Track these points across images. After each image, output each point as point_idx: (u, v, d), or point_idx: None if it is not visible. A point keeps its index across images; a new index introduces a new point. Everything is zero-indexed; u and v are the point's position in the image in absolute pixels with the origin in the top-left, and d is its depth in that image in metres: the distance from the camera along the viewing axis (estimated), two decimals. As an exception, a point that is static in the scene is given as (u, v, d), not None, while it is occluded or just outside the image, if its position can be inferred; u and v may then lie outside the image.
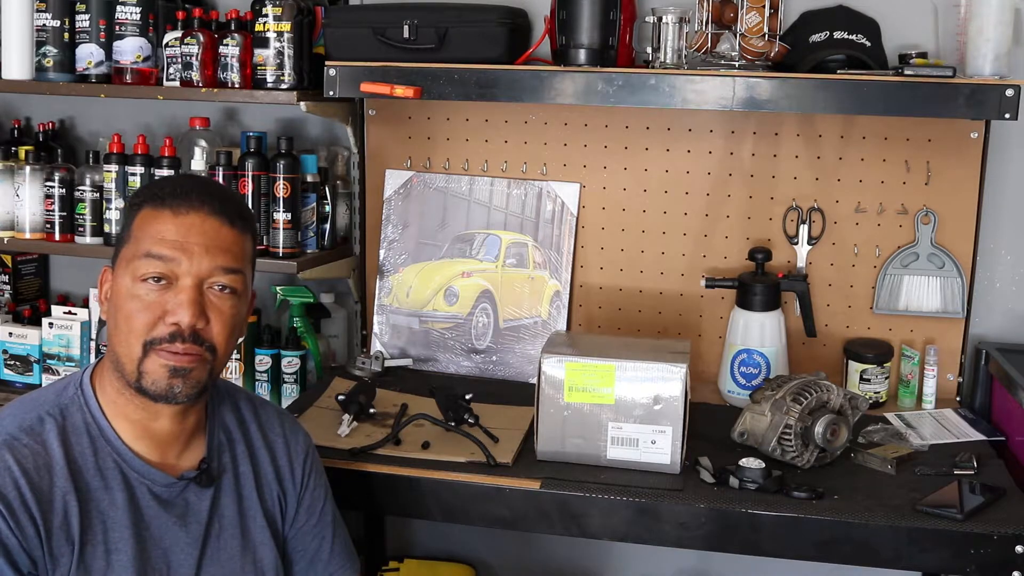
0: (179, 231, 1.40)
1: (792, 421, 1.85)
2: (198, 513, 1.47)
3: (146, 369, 1.39)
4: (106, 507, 1.39)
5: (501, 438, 1.95)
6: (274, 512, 1.57)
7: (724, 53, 2.10)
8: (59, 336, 2.46)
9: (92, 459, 1.40)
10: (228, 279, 1.43)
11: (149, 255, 1.39)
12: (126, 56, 2.32)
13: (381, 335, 2.47)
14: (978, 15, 1.99)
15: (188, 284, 1.39)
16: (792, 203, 2.32)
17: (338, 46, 2.20)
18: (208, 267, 1.41)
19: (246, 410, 1.60)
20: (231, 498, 1.52)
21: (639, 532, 1.78)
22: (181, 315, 1.38)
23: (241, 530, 1.51)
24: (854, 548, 1.71)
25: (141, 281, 1.39)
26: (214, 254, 1.41)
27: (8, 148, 2.52)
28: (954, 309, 2.28)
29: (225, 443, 1.54)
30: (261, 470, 1.57)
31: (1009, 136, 2.25)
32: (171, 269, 1.39)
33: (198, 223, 1.41)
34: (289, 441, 1.62)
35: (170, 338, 1.38)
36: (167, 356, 1.39)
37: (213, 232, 1.42)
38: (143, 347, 1.39)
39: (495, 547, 2.63)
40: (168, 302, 1.39)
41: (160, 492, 1.43)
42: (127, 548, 1.38)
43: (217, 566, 1.47)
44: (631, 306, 2.43)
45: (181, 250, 1.39)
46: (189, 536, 1.45)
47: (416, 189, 2.46)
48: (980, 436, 2.08)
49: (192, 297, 1.39)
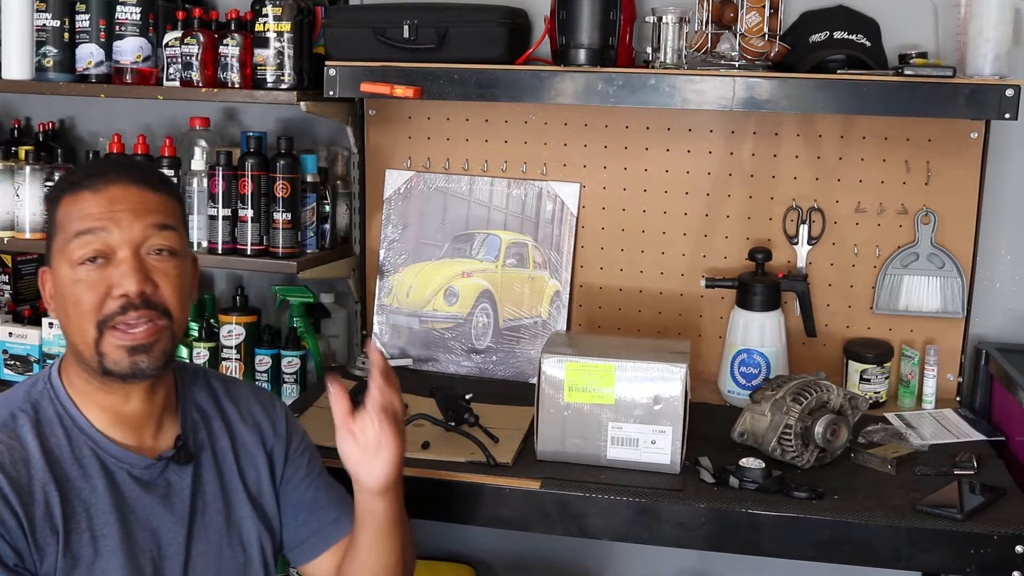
0: (102, 204, 1.39)
1: (792, 421, 1.85)
2: (181, 492, 1.47)
3: (104, 350, 1.38)
4: (87, 495, 1.39)
5: (501, 438, 1.95)
6: (259, 484, 1.57)
7: (724, 53, 2.10)
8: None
9: (68, 449, 1.40)
10: (163, 237, 1.41)
11: (79, 234, 1.37)
12: (126, 56, 2.32)
13: (381, 335, 2.47)
14: (978, 15, 1.99)
15: (126, 254, 1.38)
16: (792, 203, 2.32)
17: (338, 46, 2.20)
18: (140, 230, 1.39)
19: (217, 387, 1.60)
20: (212, 474, 1.52)
21: (639, 532, 1.78)
22: (127, 284, 1.37)
23: (224, 505, 1.52)
24: (854, 548, 1.71)
25: (79, 265, 1.38)
26: (143, 216, 1.40)
27: (8, 148, 2.52)
28: (954, 309, 2.28)
29: (200, 421, 1.55)
30: (240, 443, 1.57)
31: (1009, 136, 2.25)
32: (104, 242, 1.38)
33: (120, 193, 1.40)
34: (266, 405, 1.63)
35: (121, 310, 1.37)
36: (121, 335, 1.37)
37: (137, 198, 1.41)
38: (97, 327, 1.38)
39: (495, 547, 2.63)
40: (111, 276, 1.37)
41: (140, 474, 1.44)
42: (113, 533, 1.39)
43: (205, 542, 1.48)
44: (631, 306, 2.43)
45: (109, 220, 1.38)
46: (175, 515, 1.46)
47: (416, 189, 2.46)
48: (980, 436, 2.08)
49: (133, 265, 1.38)
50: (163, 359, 1.41)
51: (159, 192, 1.44)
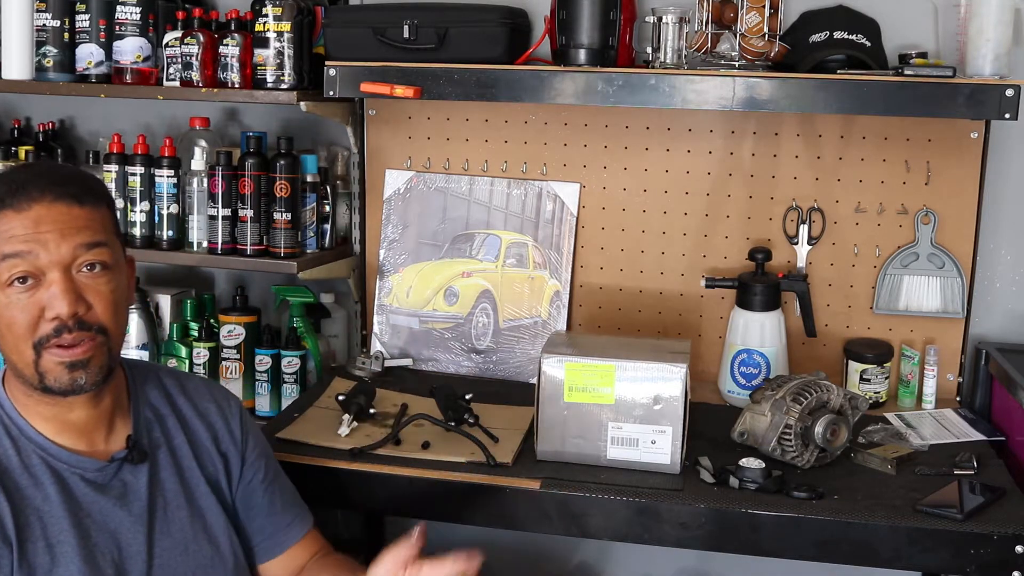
0: (27, 225, 1.35)
1: (792, 421, 1.85)
2: (137, 491, 1.46)
3: (44, 369, 1.37)
4: (39, 503, 1.38)
5: (501, 438, 1.95)
6: (217, 478, 1.57)
7: (724, 53, 2.10)
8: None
9: (16, 459, 1.39)
10: (94, 254, 1.38)
11: (5, 257, 1.34)
12: (126, 56, 2.32)
13: (381, 335, 2.47)
14: (978, 15, 1.99)
15: (56, 275, 1.35)
16: (792, 203, 2.32)
17: (338, 46, 2.20)
18: (68, 251, 1.36)
19: (170, 384, 1.59)
20: (170, 471, 1.51)
21: (639, 532, 1.78)
22: (58, 307, 1.35)
23: (187, 501, 1.51)
24: (854, 548, 1.71)
25: (8, 287, 1.35)
26: (70, 236, 1.36)
27: (8, 148, 2.52)
28: (954, 309, 2.28)
29: (153, 419, 1.54)
30: (197, 439, 1.57)
31: (1009, 136, 2.25)
32: (32, 264, 1.35)
33: (44, 213, 1.35)
34: (221, 404, 1.62)
35: (55, 332, 1.35)
36: (59, 352, 1.36)
37: (63, 216, 1.36)
38: (34, 349, 1.36)
39: (495, 547, 2.63)
40: (42, 299, 1.35)
41: (93, 477, 1.43)
42: (69, 539, 1.38)
43: (168, 538, 1.47)
44: (631, 306, 2.43)
45: (35, 242, 1.34)
46: (133, 515, 1.45)
47: (416, 189, 2.46)
48: (980, 436, 2.08)
49: (64, 287, 1.35)
50: (102, 374, 1.40)
51: (86, 206, 1.39)
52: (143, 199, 2.33)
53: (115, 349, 1.43)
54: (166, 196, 2.32)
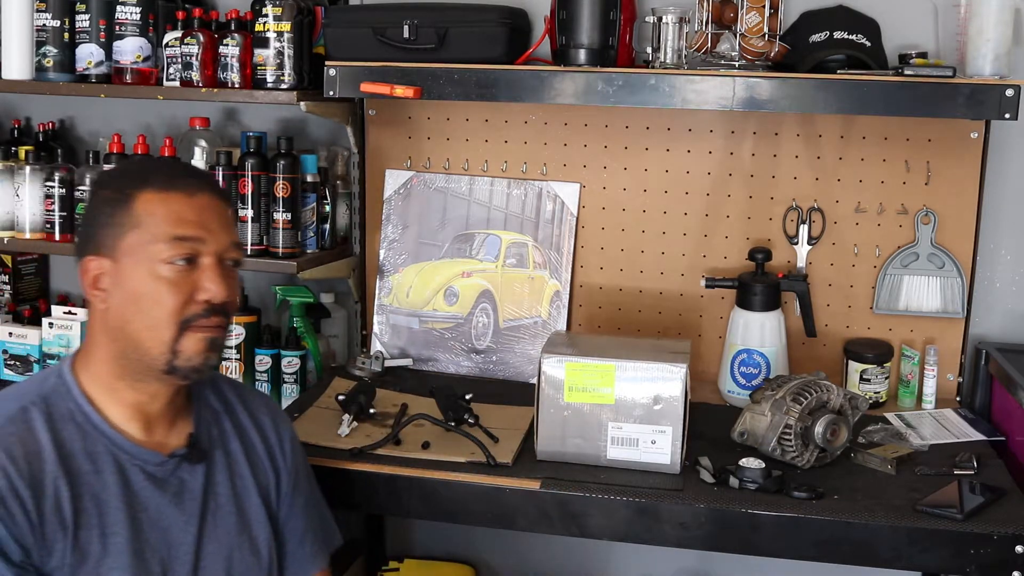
0: (195, 212, 1.43)
1: (792, 421, 1.85)
2: (193, 491, 1.47)
3: (182, 348, 1.42)
4: (99, 491, 1.39)
5: (501, 438, 1.95)
6: (268, 490, 1.58)
7: (724, 53, 2.10)
8: (59, 336, 2.46)
9: (80, 444, 1.40)
10: (236, 252, 1.49)
11: (175, 238, 1.41)
12: (126, 56, 2.32)
13: (381, 335, 2.47)
14: (978, 15, 1.99)
15: (211, 261, 1.44)
16: (792, 203, 2.32)
17: (338, 46, 2.20)
18: (225, 243, 1.46)
19: (229, 392, 1.62)
20: (224, 476, 1.53)
21: (639, 532, 1.78)
22: (214, 291, 1.42)
23: (236, 507, 1.52)
24: (854, 548, 1.71)
25: (166, 263, 1.41)
26: (228, 231, 1.48)
27: (8, 148, 2.52)
28: (954, 309, 2.28)
29: (212, 421, 1.56)
30: (251, 449, 1.58)
31: (1009, 136, 2.25)
32: (196, 249, 1.42)
33: (208, 203, 1.46)
34: (276, 420, 1.64)
35: (205, 313, 1.42)
36: (205, 330, 1.43)
37: (221, 212, 1.48)
38: (178, 327, 1.41)
39: (495, 547, 2.63)
40: (196, 280, 1.42)
41: (153, 471, 1.44)
42: (123, 530, 1.39)
43: (215, 543, 1.48)
44: (631, 306, 2.43)
45: (204, 229, 1.43)
46: (185, 515, 1.46)
47: (416, 189, 2.46)
48: (980, 436, 2.08)
49: (220, 272, 1.44)
50: (218, 361, 1.49)
51: (230, 208, 1.52)
52: (143, 199, 2.32)
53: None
54: (166, 196, 2.32)
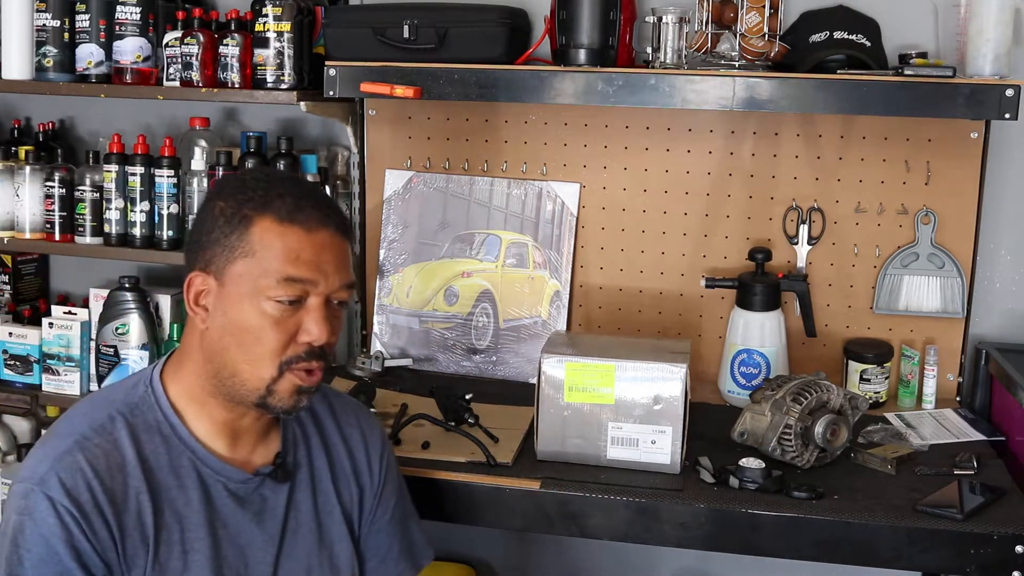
0: (313, 251, 1.36)
1: (792, 421, 1.85)
2: (274, 509, 1.45)
3: (278, 388, 1.37)
4: (181, 506, 1.36)
5: (501, 438, 1.95)
6: (351, 508, 1.55)
7: (724, 53, 2.10)
8: (59, 336, 2.46)
9: (166, 458, 1.37)
10: (346, 293, 1.41)
11: (289, 278, 1.35)
12: (126, 56, 2.32)
13: (381, 335, 2.47)
14: (978, 15, 1.99)
15: (318, 303, 1.37)
16: (792, 203, 2.32)
17: (338, 46, 2.20)
18: (337, 285, 1.39)
19: (319, 404, 1.57)
20: (306, 493, 1.49)
21: (639, 532, 1.78)
22: (317, 333, 1.36)
23: (317, 525, 1.49)
24: (854, 548, 1.71)
25: (271, 301, 1.35)
26: (342, 272, 1.40)
27: (8, 148, 2.52)
28: (954, 309, 2.28)
29: (300, 437, 1.52)
30: (337, 465, 1.54)
31: (1009, 136, 2.25)
32: (306, 290, 1.36)
33: (328, 242, 1.38)
34: (366, 435, 1.59)
35: (306, 356, 1.37)
36: (302, 376, 1.37)
37: (339, 250, 1.40)
38: (278, 368, 1.36)
39: (495, 547, 2.63)
40: (302, 320, 1.36)
41: (236, 489, 1.41)
42: (204, 547, 1.37)
43: (293, 561, 1.46)
44: (631, 306, 2.43)
45: (318, 271, 1.36)
46: (265, 534, 1.43)
47: (416, 189, 2.46)
48: (980, 436, 2.08)
49: (325, 315, 1.37)
50: (311, 401, 1.42)
51: (349, 241, 1.43)
52: (143, 199, 2.33)
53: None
54: (166, 196, 2.32)
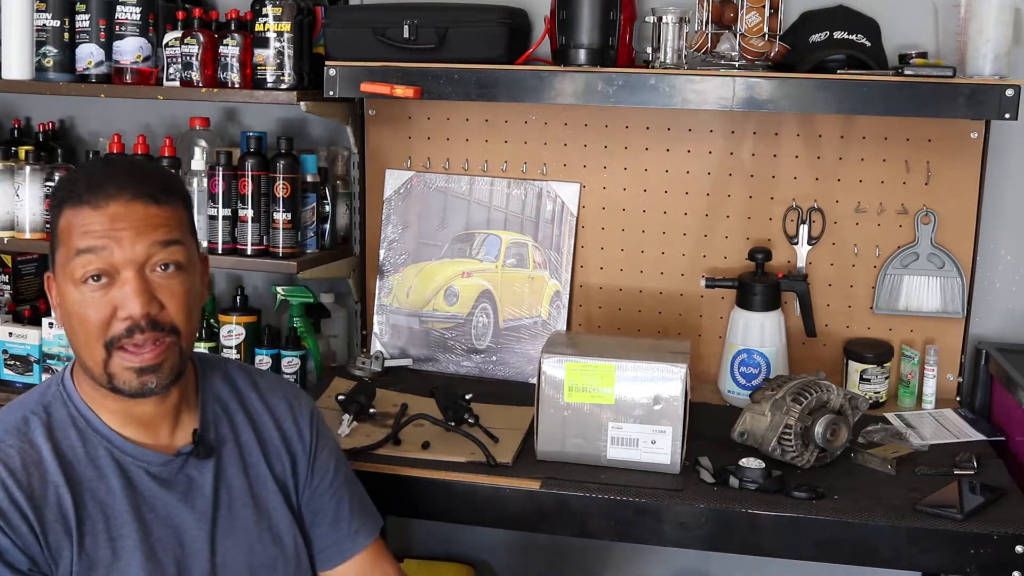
0: (103, 221, 1.34)
1: (792, 421, 1.85)
2: (202, 487, 1.45)
3: (113, 371, 1.36)
4: (103, 495, 1.37)
5: (501, 438, 1.95)
6: (285, 478, 1.55)
7: (724, 53, 2.10)
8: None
9: (82, 450, 1.39)
10: (167, 254, 1.37)
11: (80, 252, 1.34)
12: (126, 56, 2.32)
13: (381, 335, 2.47)
14: (978, 15, 1.99)
15: (130, 274, 1.34)
16: (792, 203, 2.32)
17: (338, 46, 2.20)
18: (143, 249, 1.35)
19: (241, 380, 1.57)
20: (236, 468, 1.49)
21: (639, 532, 1.78)
22: (131, 307, 1.34)
23: (252, 499, 1.49)
24: (854, 548, 1.71)
25: (82, 284, 1.34)
26: (145, 234, 1.35)
27: (8, 148, 2.52)
28: (954, 309, 2.28)
29: (221, 414, 1.52)
30: (265, 437, 1.54)
31: (1009, 136, 2.25)
32: (106, 261, 1.34)
33: (121, 211, 1.35)
34: (292, 404, 1.59)
35: (127, 333, 1.34)
36: (130, 357, 1.35)
37: (139, 214, 1.36)
38: (105, 348, 1.35)
39: (495, 547, 2.63)
40: (115, 298, 1.34)
41: (158, 472, 1.42)
42: (131, 533, 1.37)
43: (232, 537, 1.46)
44: (631, 306, 2.43)
45: (110, 238, 1.34)
46: (196, 512, 1.43)
47: (416, 189, 2.46)
48: (980, 436, 2.08)
49: (137, 286, 1.34)
50: (172, 376, 1.40)
51: (163, 205, 1.38)
52: (143, 199, 2.33)
53: (186, 350, 1.42)
54: (166, 196, 2.32)
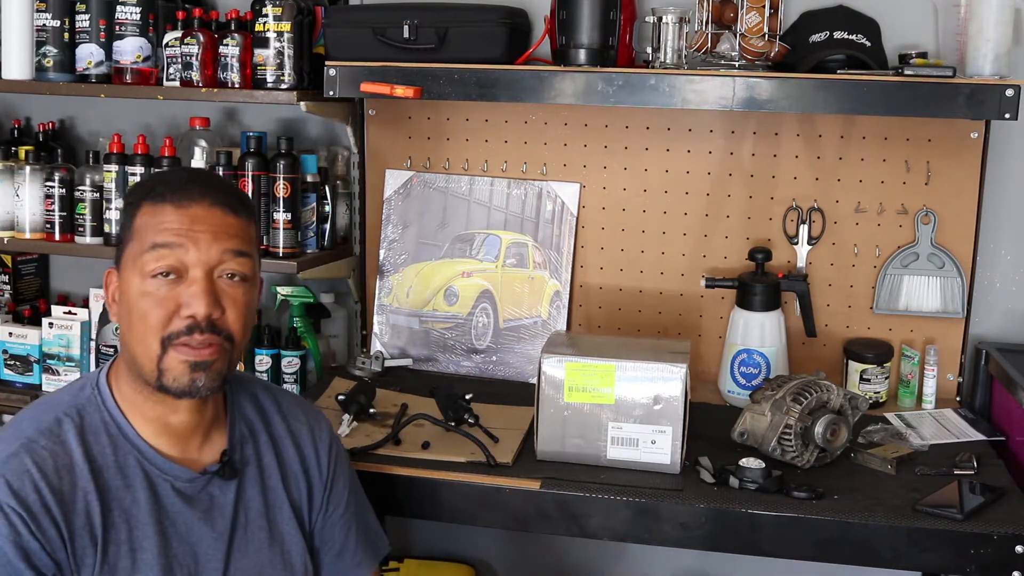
0: (183, 221, 1.38)
1: (792, 421, 1.85)
2: (223, 507, 1.45)
3: (166, 367, 1.37)
4: (128, 505, 1.37)
5: (501, 438, 1.95)
6: (300, 504, 1.55)
7: (724, 53, 2.10)
8: (59, 336, 2.46)
9: (112, 458, 1.39)
10: (237, 264, 1.41)
11: (155, 246, 1.37)
12: (126, 56, 2.32)
13: (381, 335, 2.47)
14: (978, 15, 1.99)
15: (199, 275, 1.38)
16: (792, 203, 2.32)
17: (338, 46, 2.20)
18: (217, 254, 1.39)
19: (265, 400, 1.58)
20: (256, 490, 1.50)
21: (639, 532, 1.78)
22: (196, 307, 1.37)
23: (268, 522, 1.50)
24: (854, 548, 1.71)
25: (151, 277, 1.37)
26: (221, 240, 1.40)
27: (8, 148, 2.52)
28: (954, 309, 2.28)
29: (247, 434, 1.53)
30: (286, 460, 1.55)
31: (1009, 136, 2.25)
32: (179, 259, 1.37)
33: (202, 213, 1.39)
34: (314, 429, 1.60)
35: (187, 331, 1.37)
36: (186, 351, 1.37)
37: (217, 220, 1.40)
38: (161, 344, 1.37)
39: (495, 547, 2.63)
40: (181, 295, 1.37)
41: (183, 488, 1.42)
42: (152, 546, 1.37)
43: (245, 559, 1.46)
44: (631, 306, 2.43)
45: (187, 237, 1.38)
46: (215, 531, 1.44)
47: (416, 189, 2.46)
48: (980, 436, 2.08)
49: (205, 287, 1.37)
50: (218, 380, 1.41)
51: (240, 217, 1.43)
52: (143, 199, 2.33)
53: (235, 360, 1.44)
54: (166, 196, 2.32)
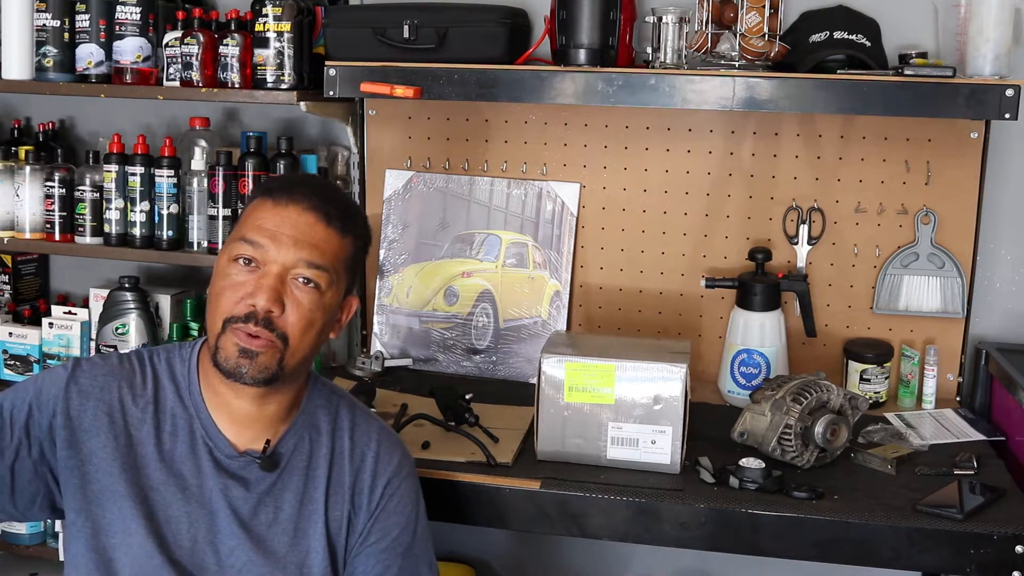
0: (274, 220, 1.44)
1: (792, 421, 1.85)
2: (252, 494, 1.48)
3: (221, 344, 1.43)
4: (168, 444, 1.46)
5: (501, 438, 1.95)
6: (338, 524, 1.53)
7: (724, 53, 2.10)
8: (59, 336, 2.46)
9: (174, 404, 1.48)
10: (312, 273, 1.44)
11: (243, 239, 1.44)
12: (126, 56, 2.32)
13: (381, 335, 2.47)
14: (978, 15, 1.99)
15: (272, 271, 1.43)
16: (792, 203, 2.32)
17: (338, 46, 2.20)
18: (293, 258, 1.43)
19: (344, 416, 1.58)
20: (295, 494, 1.50)
21: (639, 532, 1.78)
22: (258, 298, 1.42)
23: (295, 530, 1.50)
24: (854, 548, 1.71)
25: (233, 261, 1.44)
26: (301, 247, 1.44)
27: (8, 148, 2.52)
28: (954, 309, 2.28)
29: (307, 441, 1.53)
30: (336, 478, 1.54)
31: (1009, 136, 2.25)
32: (260, 254, 1.43)
33: (294, 216, 1.44)
34: (380, 459, 1.57)
35: (245, 318, 1.42)
36: (239, 335, 1.42)
37: (306, 226, 1.45)
38: (223, 323, 1.43)
39: (495, 547, 2.63)
40: (252, 283, 1.43)
41: (220, 459, 1.47)
42: (174, 489, 1.45)
43: (255, 552, 1.46)
44: (631, 306, 2.43)
45: (271, 238, 1.43)
46: (234, 512, 1.46)
47: (416, 189, 2.46)
48: (980, 436, 2.08)
49: (272, 283, 1.42)
50: (263, 375, 1.43)
51: (333, 230, 1.47)
52: (143, 199, 2.33)
53: (288, 363, 1.45)
54: (166, 196, 2.32)
